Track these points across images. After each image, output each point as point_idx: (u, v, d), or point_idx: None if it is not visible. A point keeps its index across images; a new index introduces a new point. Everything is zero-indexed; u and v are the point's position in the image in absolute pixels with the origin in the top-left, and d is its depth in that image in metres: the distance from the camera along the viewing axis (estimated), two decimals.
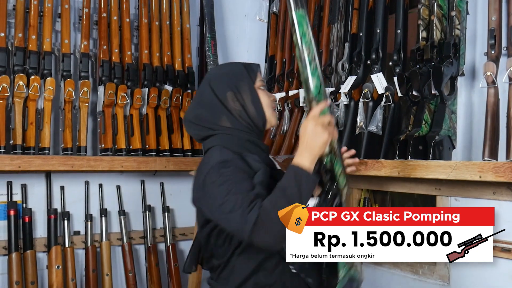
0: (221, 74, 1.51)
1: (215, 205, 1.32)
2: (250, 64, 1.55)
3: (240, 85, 1.47)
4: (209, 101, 1.47)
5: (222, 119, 1.46)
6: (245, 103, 1.46)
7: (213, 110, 1.47)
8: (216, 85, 1.47)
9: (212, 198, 1.33)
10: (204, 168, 1.39)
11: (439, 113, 1.78)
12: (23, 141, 2.11)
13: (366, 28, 2.10)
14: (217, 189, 1.32)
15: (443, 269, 1.98)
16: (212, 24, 2.72)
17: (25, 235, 2.19)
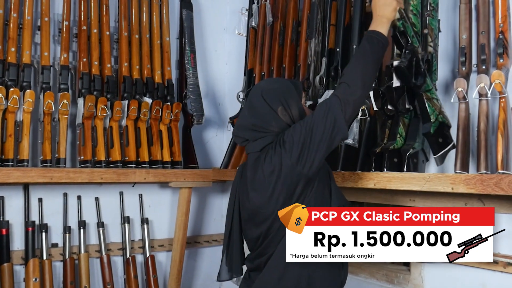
0: (273, 89, 1.66)
1: (315, 125, 1.49)
2: (296, 83, 1.72)
3: (290, 101, 1.63)
4: (262, 111, 1.63)
5: (272, 125, 1.62)
6: (292, 116, 1.63)
7: (266, 118, 1.62)
8: (269, 98, 1.63)
9: (313, 129, 1.49)
10: (281, 147, 1.53)
11: (413, 127, 1.84)
12: (2, 153, 2.10)
13: (343, 43, 2.16)
14: (311, 124, 1.51)
15: (417, 278, 2.04)
16: (191, 37, 2.75)
17: (2, 247, 2.17)
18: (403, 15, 1.69)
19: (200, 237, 2.93)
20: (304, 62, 2.36)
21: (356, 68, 1.56)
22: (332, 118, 1.49)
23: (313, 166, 1.50)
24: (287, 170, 1.50)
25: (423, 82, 1.77)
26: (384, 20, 1.61)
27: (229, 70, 3.04)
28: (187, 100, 2.69)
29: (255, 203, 1.58)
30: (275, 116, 1.61)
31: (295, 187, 1.51)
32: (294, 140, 1.51)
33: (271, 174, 1.53)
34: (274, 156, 1.54)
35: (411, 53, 1.73)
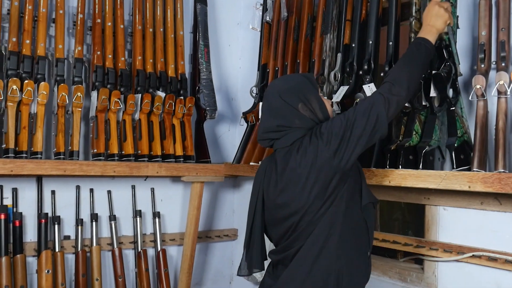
0: (290, 87, 1.68)
1: (357, 120, 1.51)
2: (309, 76, 1.74)
3: (308, 96, 1.65)
4: (284, 111, 1.64)
5: (296, 122, 1.64)
6: (314, 110, 1.65)
7: (289, 117, 1.64)
8: (287, 97, 1.65)
9: (354, 123, 1.51)
10: (318, 139, 1.54)
11: (429, 124, 1.82)
12: (16, 145, 2.10)
13: (359, 39, 2.14)
14: (351, 117, 1.53)
15: (431, 277, 2.02)
16: (205, 31, 2.74)
17: (15, 239, 2.18)
18: (451, 31, 1.76)
19: (211, 232, 2.93)
20: (319, 57, 2.34)
21: (403, 70, 1.59)
22: (375, 115, 1.50)
23: (350, 161, 1.51)
24: (323, 163, 1.51)
25: (456, 98, 1.77)
26: (433, 30, 1.67)
27: (243, 65, 3.03)
28: (200, 95, 2.69)
29: (285, 196, 1.59)
30: (297, 114, 1.63)
31: (329, 181, 1.51)
32: (333, 132, 1.51)
33: (305, 166, 1.54)
34: (309, 147, 1.54)
35: (450, 67, 1.76)
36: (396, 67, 1.63)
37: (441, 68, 1.75)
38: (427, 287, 2.03)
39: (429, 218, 2.05)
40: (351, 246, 1.56)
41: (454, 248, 1.91)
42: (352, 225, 1.56)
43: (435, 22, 1.68)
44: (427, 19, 1.70)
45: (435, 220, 2.02)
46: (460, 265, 1.91)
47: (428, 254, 2.01)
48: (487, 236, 1.83)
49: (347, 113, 1.55)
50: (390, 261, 2.27)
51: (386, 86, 1.56)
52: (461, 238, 1.91)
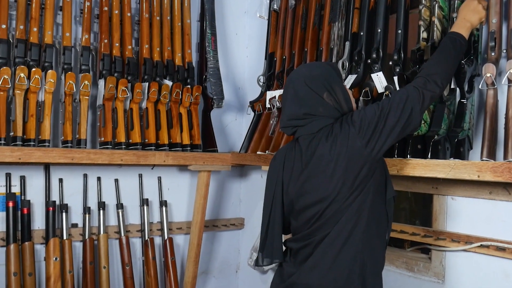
0: (316, 75, 1.66)
1: (391, 111, 1.50)
2: (334, 65, 1.75)
3: (334, 85, 1.64)
4: (309, 99, 1.63)
5: (320, 111, 1.62)
6: (338, 99, 1.64)
7: (314, 105, 1.63)
8: (313, 85, 1.64)
9: (389, 113, 1.51)
10: (350, 126, 1.54)
11: (438, 113, 1.80)
12: (23, 133, 2.11)
13: (367, 27, 2.12)
14: (385, 106, 1.52)
15: (438, 267, 2.01)
16: (212, 20, 2.73)
17: (23, 226, 2.20)
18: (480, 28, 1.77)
19: (218, 220, 2.94)
20: (327, 46, 2.32)
21: (438, 65, 1.59)
22: (409, 107, 1.50)
23: (381, 151, 1.51)
24: (355, 151, 1.50)
25: (470, 94, 1.77)
26: (468, 25, 1.67)
27: (250, 53, 3.02)
28: (207, 83, 2.68)
29: (311, 183, 1.58)
30: (323, 102, 1.62)
31: (359, 170, 1.51)
32: (366, 121, 1.51)
33: (335, 153, 1.53)
34: (340, 135, 1.54)
35: (473, 62, 1.74)
36: (431, 62, 1.62)
37: (465, 60, 1.73)
38: (434, 276, 2.03)
39: (437, 207, 2.04)
40: (375, 236, 1.57)
41: (462, 238, 1.90)
42: (377, 216, 1.56)
43: (471, 17, 1.67)
44: (464, 12, 1.69)
45: (443, 210, 2.01)
46: (468, 255, 1.90)
47: (436, 244, 2.00)
48: (496, 225, 1.83)
49: (381, 103, 1.54)
50: (397, 250, 2.26)
51: (421, 80, 1.56)
52: (469, 227, 1.90)
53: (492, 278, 1.82)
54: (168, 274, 2.57)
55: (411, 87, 1.55)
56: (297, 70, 1.72)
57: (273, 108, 2.52)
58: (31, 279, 2.16)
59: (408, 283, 2.13)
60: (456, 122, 1.76)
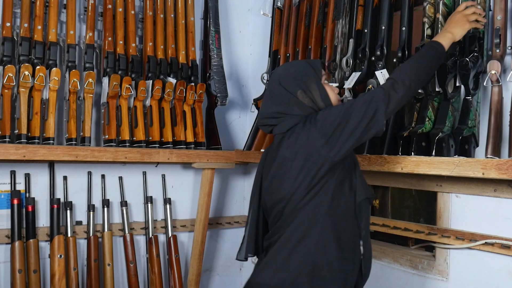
0: (290, 74, 1.65)
1: (354, 111, 1.47)
2: (314, 62, 1.68)
3: (308, 83, 1.61)
4: (283, 98, 1.62)
5: (295, 109, 1.60)
6: (314, 98, 1.60)
7: (287, 104, 1.61)
8: (287, 84, 1.62)
9: (350, 112, 1.48)
10: (311, 125, 1.52)
11: (443, 110, 1.80)
12: (28, 131, 2.12)
13: (371, 24, 2.12)
14: (348, 106, 1.49)
15: (442, 265, 2.01)
16: (216, 17, 2.73)
17: (28, 224, 2.20)
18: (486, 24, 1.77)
19: (221, 218, 2.94)
20: (331, 43, 2.32)
21: (408, 68, 1.56)
22: (373, 109, 1.46)
23: (340, 152, 1.47)
24: (313, 150, 1.48)
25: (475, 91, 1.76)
26: (449, 36, 1.64)
27: (253, 51, 3.02)
28: (211, 81, 2.68)
29: (275, 182, 1.58)
30: (296, 101, 1.60)
31: (317, 170, 1.48)
32: (328, 120, 1.48)
33: (293, 152, 1.52)
34: (302, 133, 1.52)
35: (478, 59, 1.73)
36: (403, 66, 1.59)
37: (470, 57, 1.72)
38: (438, 274, 2.03)
39: (441, 205, 2.03)
40: (333, 240, 1.50)
41: (466, 236, 1.90)
42: (337, 219, 1.51)
43: (452, 29, 1.65)
44: (447, 24, 1.69)
45: (447, 207, 2.00)
46: (472, 252, 1.90)
47: (440, 242, 2.00)
48: (500, 223, 1.82)
49: (346, 103, 1.51)
50: (401, 248, 2.26)
51: (389, 82, 1.52)
52: (474, 225, 1.90)
53: (497, 276, 1.82)
54: (172, 271, 2.57)
55: (378, 89, 1.52)
56: (275, 70, 1.71)
57: None
58: (35, 276, 2.17)
59: (412, 281, 2.13)
60: (461, 119, 1.76)
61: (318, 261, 1.49)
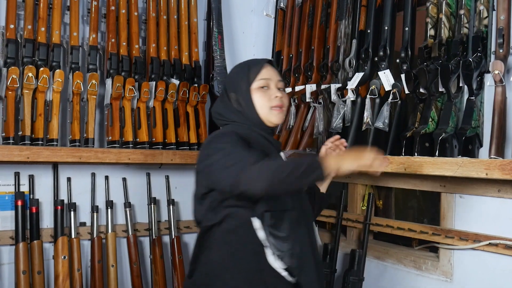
0: (230, 74, 1.69)
1: (214, 163, 1.43)
2: (256, 62, 1.63)
3: (240, 87, 1.59)
4: (224, 99, 1.64)
5: (232, 116, 1.61)
6: (242, 105, 1.59)
7: (226, 107, 1.62)
8: (227, 85, 1.64)
9: (213, 159, 1.45)
10: (206, 140, 1.57)
11: (446, 111, 1.80)
12: (32, 132, 2.12)
13: (374, 25, 2.12)
14: (218, 151, 1.45)
15: (446, 265, 2.00)
16: (219, 18, 2.73)
17: (32, 225, 2.20)
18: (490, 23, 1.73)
19: None
20: (334, 44, 2.32)
21: (276, 166, 1.37)
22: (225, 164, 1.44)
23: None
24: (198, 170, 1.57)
25: (479, 92, 1.74)
26: (332, 163, 1.35)
27: (257, 52, 3.01)
28: (214, 82, 2.68)
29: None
30: (229, 104, 1.61)
31: (205, 189, 1.54)
32: (204, 153, 1.53)
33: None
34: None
35: (481, 59, 1.71)
36: (275, 162, 1.45)
37: (473, 57, 1.72)
38: (442, 275, 2.02)
39: (445, 206, 2.03)
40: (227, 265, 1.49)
41: (470, 236, 1.89)
42: (231, 245, 1.48)
43: (341, 161, 1.36)
44: (343, 154, 1.51)
45: (451, 208, 2.00)
46: (476, 253, 1.89)
47: (444, 242, 1.99)
48: (504, 224, 1.81)
49: (217, 151, 1.46)
50: (405, 249, 2.26)
51: (252, 160, 1.38)
52: (478, 226, 1.89)
53: (501, 277, 1.81)
54: (175, 272, 2.57)
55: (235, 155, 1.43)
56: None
57: None
58: (39, 277, 2.17)
59: (416, 282, 2.12)
60: (465, 119, 1.75)
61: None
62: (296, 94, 2.43)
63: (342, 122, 2.10)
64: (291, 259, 1.46)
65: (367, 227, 2.23)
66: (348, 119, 2.10)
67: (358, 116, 2.07)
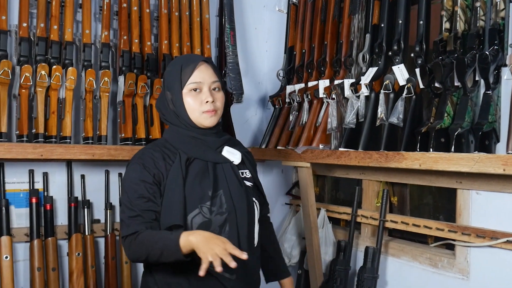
0: (166, 72, 1.69)
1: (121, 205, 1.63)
2: (189, 62, 1.63)
3: (173, 88, 1.62)
4: (162, 96, 1.68)
5: (169, 118, 1.66)
6: (175, 106, 1.63)
7: (164, 106, 1.67)
8: (164, 82, 1.67)
9: (122, 199, 1.64)
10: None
11: (462, 105, 1.76)
12: (45, 130, 2.13)
13: (388, 19, 2.08)
14: (123, 194, 1.61)
15: (462, 263, 1.97)
16: (231, 14, 2.71)
17: (47, 222, 2.22)
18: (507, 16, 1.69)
19: None
20: (347, 38, 2.29)
21: (151, 251, 1.46)
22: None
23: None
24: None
25: (496, 86, 1.70)
26: (191, 240, 1.37)
27: (269, 48, 2.99)
28: (227, 78, 2.66)
29: None
30: (165, 103, 1.65)
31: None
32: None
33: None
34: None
35: (498, 52, 1.67)
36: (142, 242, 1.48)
37: (490, 51, 1.68)
38: (459, 273, 1.99)
39: (461, 202, 1.99)
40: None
41: (487, 233, 1.86)
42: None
43: (197, 240, 1.36)
44: (202, 234, 1.41)
45: (468, 205, 1.97)
46: (494, 250, 1.86)
47: (460, 239, 1.96)
48: None
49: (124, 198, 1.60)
50: (420, 246, 2.23)
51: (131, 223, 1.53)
52: (495, 223, 1.86)
53: None
54: None
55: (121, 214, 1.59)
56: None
57: (292, 102, 2.50)
58: (54, 274, 2.19)
59: (432, 280, 2.09)
60: (481, 114, 1.72)
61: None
62: (309, 89, 2.41)
63: (356, 118, 2.08)
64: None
65: (382, 224, 2.21)
66: (362, 114, 2.07)
67: (372, 111, 2.04)
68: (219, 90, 1.66)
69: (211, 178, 1.59)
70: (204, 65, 1.63)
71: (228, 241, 1.37)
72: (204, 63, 1.64)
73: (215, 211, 1.57)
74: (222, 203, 1.58)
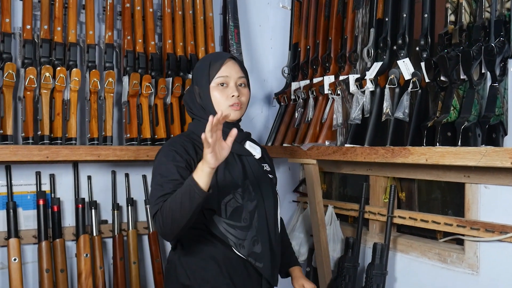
0: (196, 67, 1.77)
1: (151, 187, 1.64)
2: (217, 58, 1.71)
3: (201, 82, 1.70)
4: (191, 90, 1.77)
5: (195, 111, 1.74)
6: (202, 99, 1.71)
7: (191, 100, 1.75)
8: (193, 77, 1.75)
9: (152, 182, 1.63)
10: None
11: (468, 99, 1.74)
12: (51, 132, 2.13)
13: (392, 13, 2.06)
14: (154, 177, 1.62)
15: (472, 258, 1.95)
16: (235, 12, 2.70)
17: (54, 224, 2.22)
18: None
19: None
20: (351, 33, 2.27)
21: (174, 209, 1.46)
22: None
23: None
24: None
25: (502, 78, 1.69)
26: (206, 170, 1.41)
27: (274, 45, 2.98)
28: None
29: None
30: (193, 97, 1.72)
31: None
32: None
33: None
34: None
35: (504, 43, 1.65)
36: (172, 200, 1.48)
37: (495, 42, 1.66)
38: (468, 268, 1.97)
39: (469, 196, 1.97)
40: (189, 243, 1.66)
41: (496, 228, 1.84)
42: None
43: (204, 163, 1.41)
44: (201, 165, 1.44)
45: (476, 199, 1.94)
46: (503, 245, 1.84)
47: (469, 234, 1.94)
48: None
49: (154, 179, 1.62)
50: (429, 241, 2.21)
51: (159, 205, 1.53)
52: (504, 217, 1.84)
53: None
54: None
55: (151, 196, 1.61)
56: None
57: (298, 99, 2.49)
58: (63, 275, 2.19)
59: (441, 275, 2.07)
60: (488, 107, 1.69)
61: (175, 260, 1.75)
62: (314, 86, 2.39)
63: (361, 113, 2.06)
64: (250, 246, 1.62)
65: (390, 220, 2.19)
66: (367, 110, 2.06)
67: (377, 106, 2.03)
68: (245, 86, 1.75)
69: (240, 168, 1.68)
70: (232, 61, 1.72)
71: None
72: (232, 60, 1.73)
73: (246, 198, 1.64)
74: (250, 192, 1.66)
